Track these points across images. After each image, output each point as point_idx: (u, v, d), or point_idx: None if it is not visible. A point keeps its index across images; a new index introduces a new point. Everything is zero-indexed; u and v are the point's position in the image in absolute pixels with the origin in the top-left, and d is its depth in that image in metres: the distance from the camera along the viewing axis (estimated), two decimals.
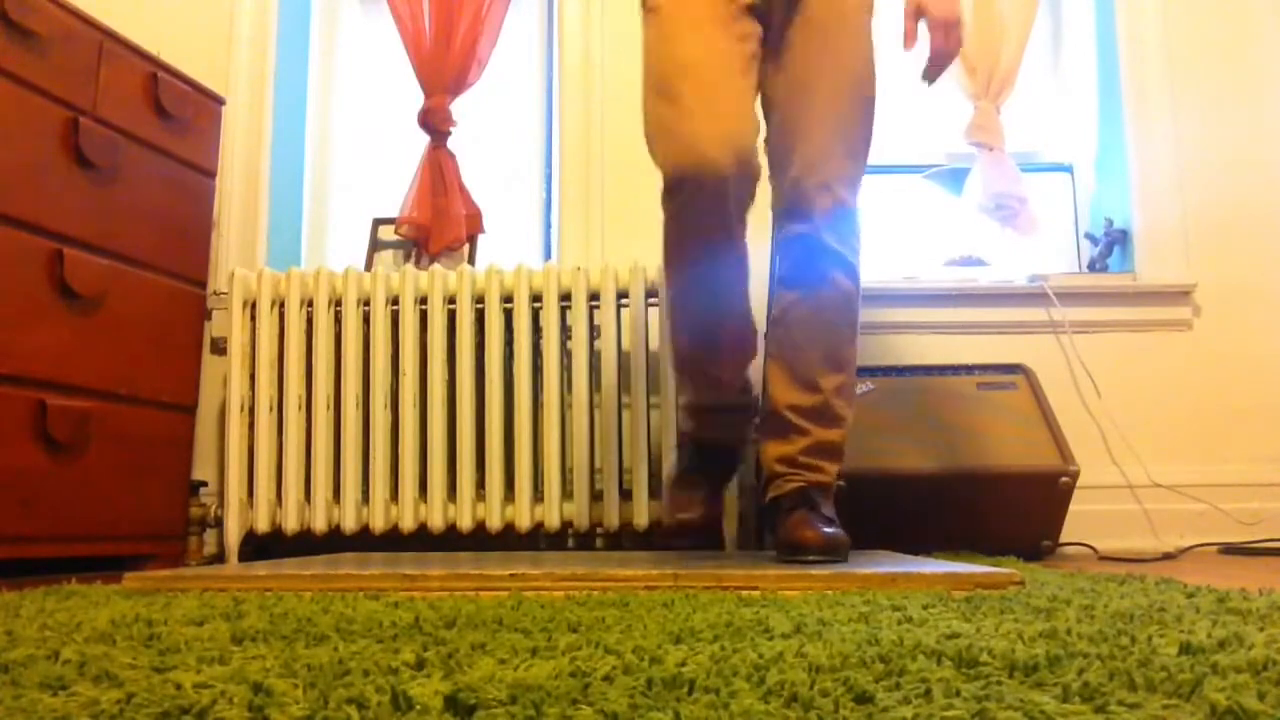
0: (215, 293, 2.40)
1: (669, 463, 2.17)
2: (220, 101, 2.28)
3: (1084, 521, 2.34)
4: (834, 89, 1.56)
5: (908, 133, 2.84)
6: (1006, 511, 2.08)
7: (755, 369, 1.67)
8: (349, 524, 2.17)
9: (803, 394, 1.53)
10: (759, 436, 1.61)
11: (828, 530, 1.37)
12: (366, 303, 2.25)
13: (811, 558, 1.33)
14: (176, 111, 2.12)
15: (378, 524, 2.17)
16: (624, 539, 2.28)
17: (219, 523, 2.22)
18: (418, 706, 0.49)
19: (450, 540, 2.19)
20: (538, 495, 2.17)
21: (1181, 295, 2.57)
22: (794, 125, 1.54)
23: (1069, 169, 2.84)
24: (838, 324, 1.55)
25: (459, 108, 2.60)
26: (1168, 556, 2.15)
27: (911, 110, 2.84)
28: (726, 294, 1.54)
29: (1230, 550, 2.28)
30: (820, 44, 1.55)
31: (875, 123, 1.59)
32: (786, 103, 1.56)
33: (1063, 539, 2.16)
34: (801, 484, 1.49)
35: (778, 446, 1.54)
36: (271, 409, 2.21)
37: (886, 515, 2.06)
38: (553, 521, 2.16)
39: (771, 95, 1.59)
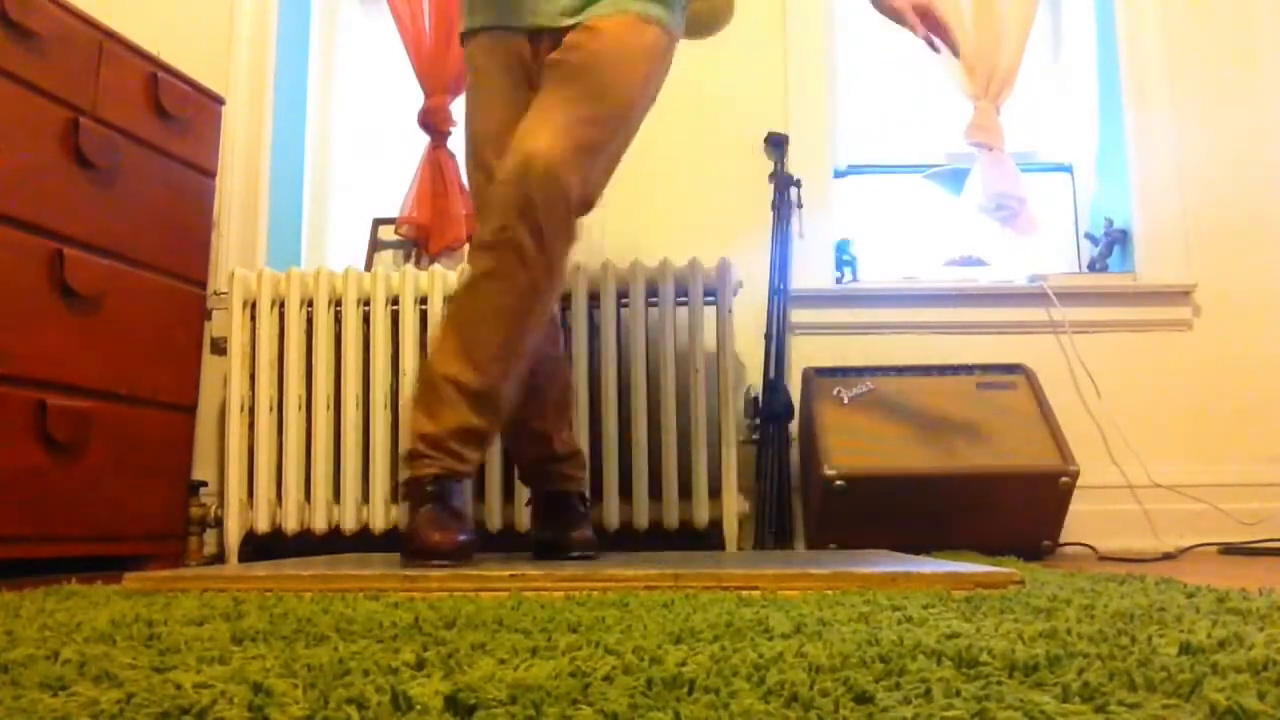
0: (215, 293, 2.40)
1: (669, 463, 2.18)
2: (220, 101, 2.28)
3: (1084, 521, 2.34)
4: (571, 84, 1.53)
5: (908, 133, 2.84)
6: (1006, 511, 2.08)
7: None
8: (349, 524, 2.17)
9: (473, 374, 1.43)
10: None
11: (461, 536, 1.35)
12: (366, 303, 2.25)
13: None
14: (176, 111, 2.12)
15: (377, 524, 2.17)
16: (624, 539, 2.28)
17: (219, 523, 2.22)
18: (418, 706, 0.49)
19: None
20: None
21: (1181, 295, 2.57)
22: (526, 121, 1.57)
23: (1069, 169, 2.84)
24: (527, 311, 1.47)
25: (459, 108, 2.60)
26: (1168, 556, 2.15)
27: (911, 110, 2.84)
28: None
29: (1230, 550, 2.28)
30: (563, 67, 1.54)
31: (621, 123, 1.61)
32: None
33: (1063, 539, 2.16)
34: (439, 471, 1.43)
35: (426, 422, 1.45)
36: (271, 409, 2.21)
37: (886, 515, 2.06)
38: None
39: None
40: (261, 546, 2.22)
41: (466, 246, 2.60)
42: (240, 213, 2.55)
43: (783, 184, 2.53)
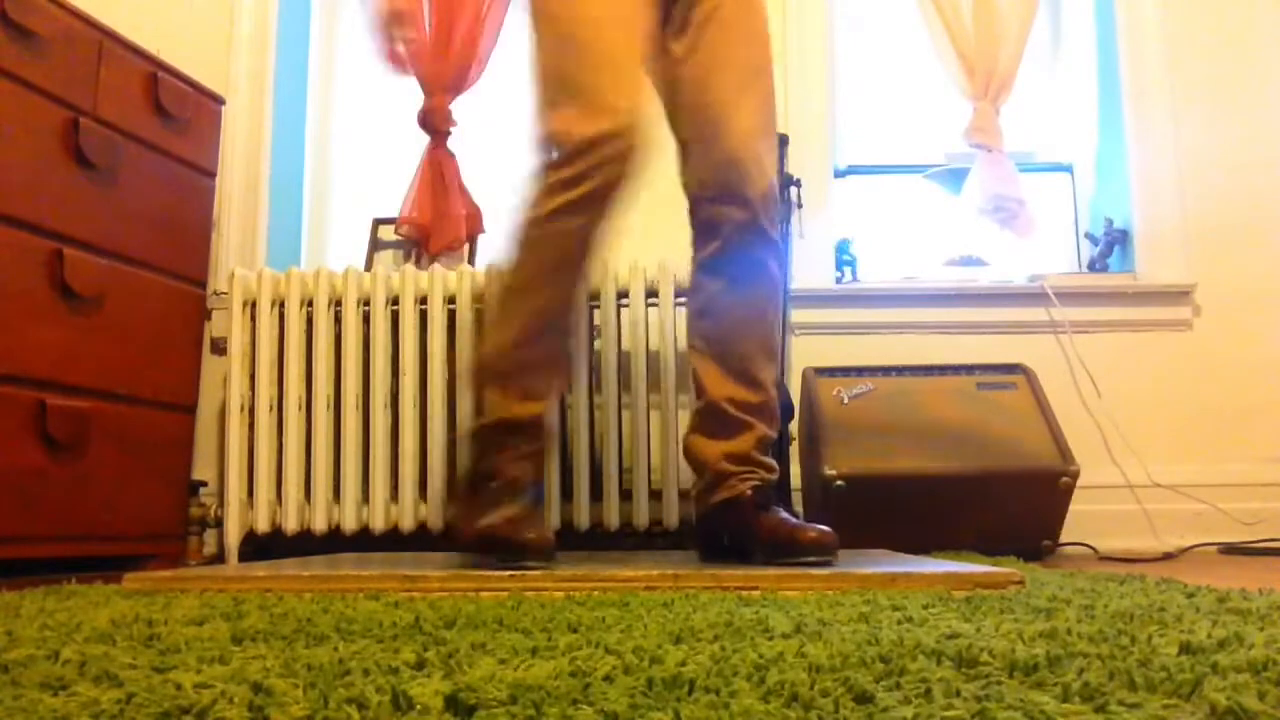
0: (215, 293, 2.40)
1: (670, 463, 2.18)
2: (220, 101, 2.28)
3: (1084, 521, 2.34)
4: (755, 73, 1.50)
5: (908, 133, 2.84)
6: (1006, 511, 2.08)
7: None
8: (349, 524, 2.17)
9: (741, 387, 1.46)
10: (691, 432, 1.51)
11: (824, 528, 1.31)
12: (366, 303, 2.25)
13: (815, 559, 1.27)
14: (176, 111, 2.12)
15: (378, 524, 2.17)
16: (624, 539, 2.28)
17: (219, 523, 2.22)
18: (418, 706, 0.49)
19: (450, 540, 2.18)
20: None
21: (1181, 295, 2.57)
22: (719, 103, 1.46)
23: (1069, 169, 2.84)
24: (772, 312, 1.49)
25: (459, 108, 2.60)
26: (1168, 556, 2.15)
27: (911, 110, 2.84)
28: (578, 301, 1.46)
29: (1230, 550, 2.28)
30: (736, 28, 1.49)
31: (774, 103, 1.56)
32: (705, 81, 1.48)
33: (1063, 539, 2.16)
34: (759, 482, 1.43)
35: (723, 444, 1.45)
36: (271, 409, 2.21)
37: (886, 515, 2.06)
38: (553, 522, 2.16)
39: (682, 75, 1.50)
40: (261, 546, 2.22)
41: (466, 247, 2.60)
42: (240, 213, 2.55)
43: (783, 184, 2.53)
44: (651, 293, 2.26)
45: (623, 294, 2.25)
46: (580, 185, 1.33)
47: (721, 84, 1.47)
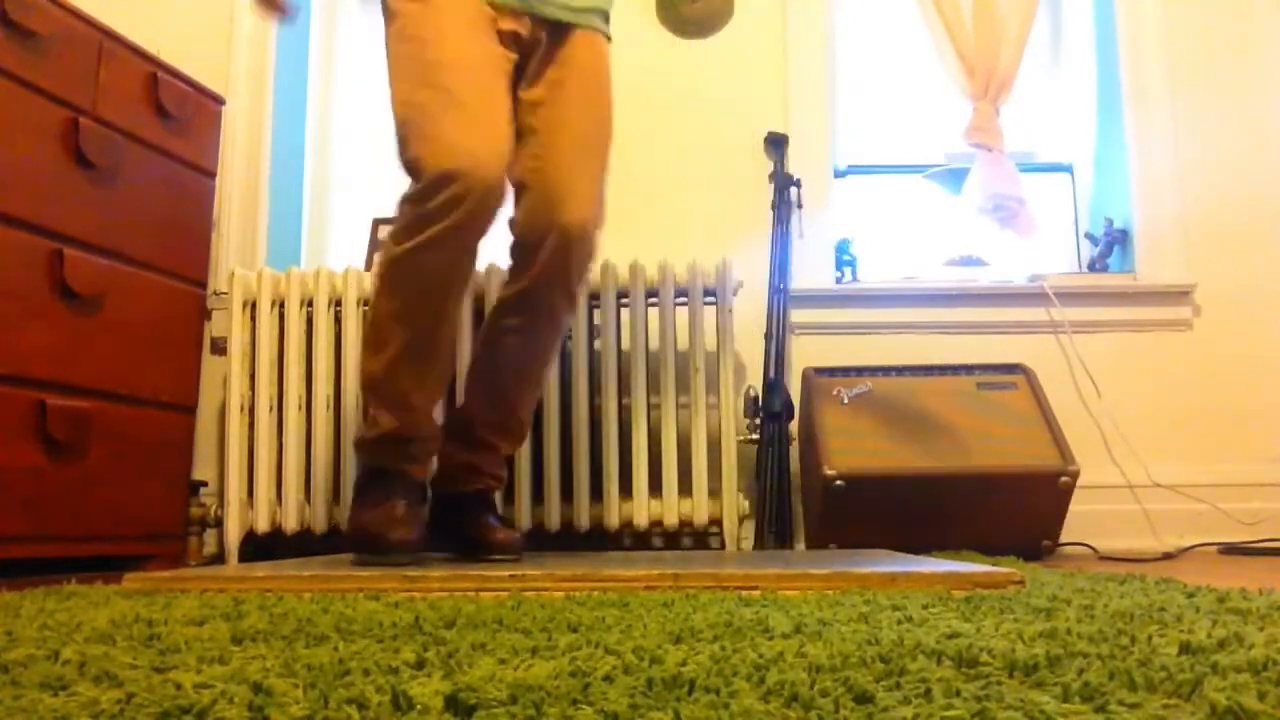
0: (215, 293, 2.40)
1: (669, 463, 2.18)
2: (220, 101, 2.28)
3: (1084, 521, 2.34)
4: (598, 137, 1.61)
5: (908, 133, 2.84)
6: (1006, 511, 2.08)
7: None
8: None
9: (499, 416, 1.63)
10: (448, 436, 1.64)
11: (514, 534, 1.53)
12: (366, 303, 2.25)
13: (501, 557, 1.47)
14: (176, 111, 2.12)
15: None
16: (624, 539, 2.28)
17: (219, 523, 2.22)
18: (418, 706, 0.49)
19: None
20: (538, 496, 2.17)
21: (1181, 295, 2.57)
22: (556, 167, 1.55)
23: (1069, 169, 2.84)
24: (549, 356, 1.65)
25: None
26: (1168, 556, 2.15)
27: (911, 111, 2.84)
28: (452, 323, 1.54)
29: (1230, 550, 2.28)
30: (582, 89, 1.60)
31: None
32: (548, 141, 1.57)
33: (1063, 539, 2.16)
34: (483, 488, 1.63)
35: (466, 454, 1.62)
36: (271, 409, 2.21)
37: (886, 515, 2.06)
38: (553, 522, 2.16)
39: (529, 123, 1.58)
40: (261, 546, 2.22)
41: None
42: (240, 213, 2.55)
43: (783, 184, 2.53)
44: (651, 293, 2.26)
45: (623, 294, 2.25)
46: (436, 222, 1.39)
47: (561, 149, 1.56)
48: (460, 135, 1.39)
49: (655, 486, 2.18)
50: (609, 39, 1.68)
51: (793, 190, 2.54)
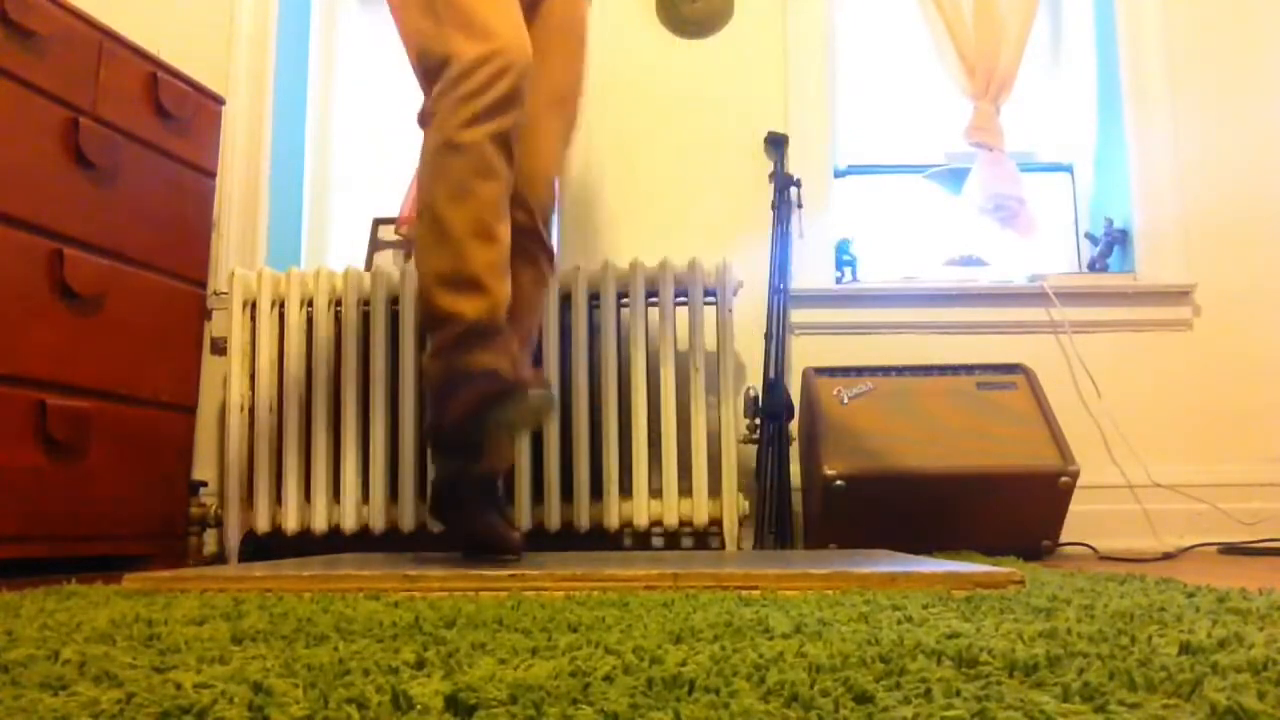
0: (215, 293, 2.40)
1: (669, 462, 2.18)
2: (220, 101, 2.28)
3: (1084, 521, 2.34)
4: (567, 93, 1.69)
5: (908, 133, 2.84)
6: (1006, 511, 2.08)
7: None
8: (349, 524, 2.17)
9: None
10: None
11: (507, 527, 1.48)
12: (366, 303, 2.25)
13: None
14: (176, 111, 2.12)
15: (377, 524, 2.17)
16: (624, 539, 2.28)
17: (219, 523, 2.22)
18: (418, 706, 0.49)
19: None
20: (537, 496, 2.17)
21: (1181, 295, 2.57)
22: (529, 116, 1.58)
23: (1069, 169, 2.84)
24: (536, 301, 1.72)
25: None
26: (1168, 556, 2.15)
27: (911, 110, 2.84)
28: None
29: (1230, 550, 2.28)
30: (560, 46, 1.68)
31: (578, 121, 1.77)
32: None
33: (1063, 539, 2.16)
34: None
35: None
36: (271, 409, 2.21)
37: (886, 515, 2.06)
38: (553, 522, 2.16)
39: None
40: (261, 546, 2.22)
41: None
42: (240, 213, 2.55)
43: (783, 184, 2.53)
44: (651, 293, 2.26)
45: (623, 294, 2.25)
46: (484, 93, 1.44)
47: (536, 106, 1.61)
48: (494, 18, 1.47)
49: (655, 486, 2.18)
50: None
51: (793, 190, 2.54)
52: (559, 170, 1.68)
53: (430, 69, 1.50)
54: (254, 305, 2.24)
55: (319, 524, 2.17)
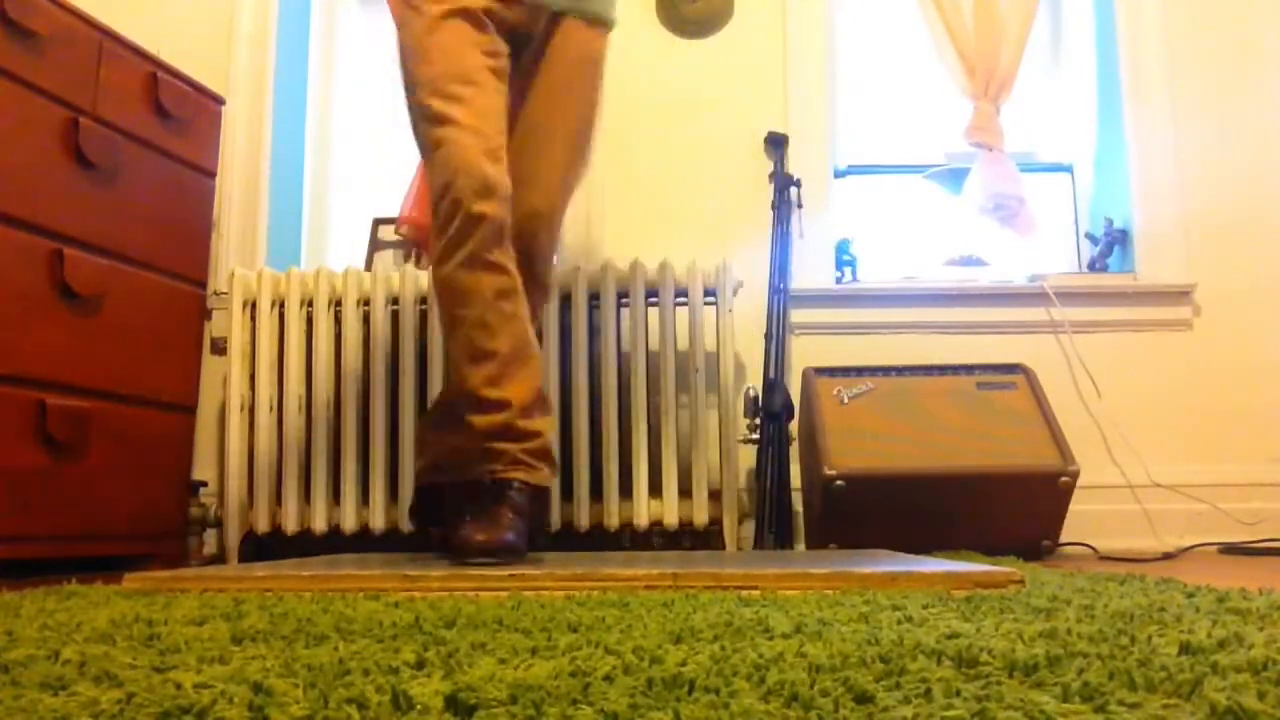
0: (215, 293, 2.40)
1: (669, 463, 2.18)
2: (220, 101, 2.28)
3: (1084, 521, 2.34)
4: (568, 135, 1.66)
5: (908, 133, 2.84)
6: (1006, 511, 2.08)
7: None
8: (349, 524, 2.17)
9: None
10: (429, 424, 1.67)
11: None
12: (366, 303, 2.25)
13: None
14: (176, 111, 2.12)
15: (377, 524, 2.17)
16: (624, 539, 2.28)
17: (219, 523, 2.22)
18: (418, 706, 0.49)
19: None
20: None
21: (1181, 295, 2.57)
22: (531, 155, 1.62)
23: (1069, 169, 2.84)
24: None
25: None
26: (1168, 556, 2.15)
27: (911, 110, 2.84)
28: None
29: (1230, 550, 2.28)
30: (564, 86, 1.66)
31: (590, 157, 1.72)
32: (527, 131, 1.65)
33: (1063, 539, 2.16)
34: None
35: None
36: (271, 409, 2.21)
37: (886, 515, 2.06)
38: (553, 522, 2.16)
39: (518, 114, 1.66)
40: (261, 546, 2.22)
41: None
42: (240, 213, 2.55)
43: (783, 184, 2.53)
44: (652, 293, 2.26)
45: (623, 294, 2.25)
46: (445, 231, 1.50)
47: (537, 146, 1.63)
48: (450, 138, 1.51)
49: (655, 486, 2.18)
50: (607, 26, 1.71)
51: (793, 190, 2.54)
52: (557, 205, 1.64)
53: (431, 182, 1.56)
54: (254, 305, 2.24)
55: (319, 524, 2.17)
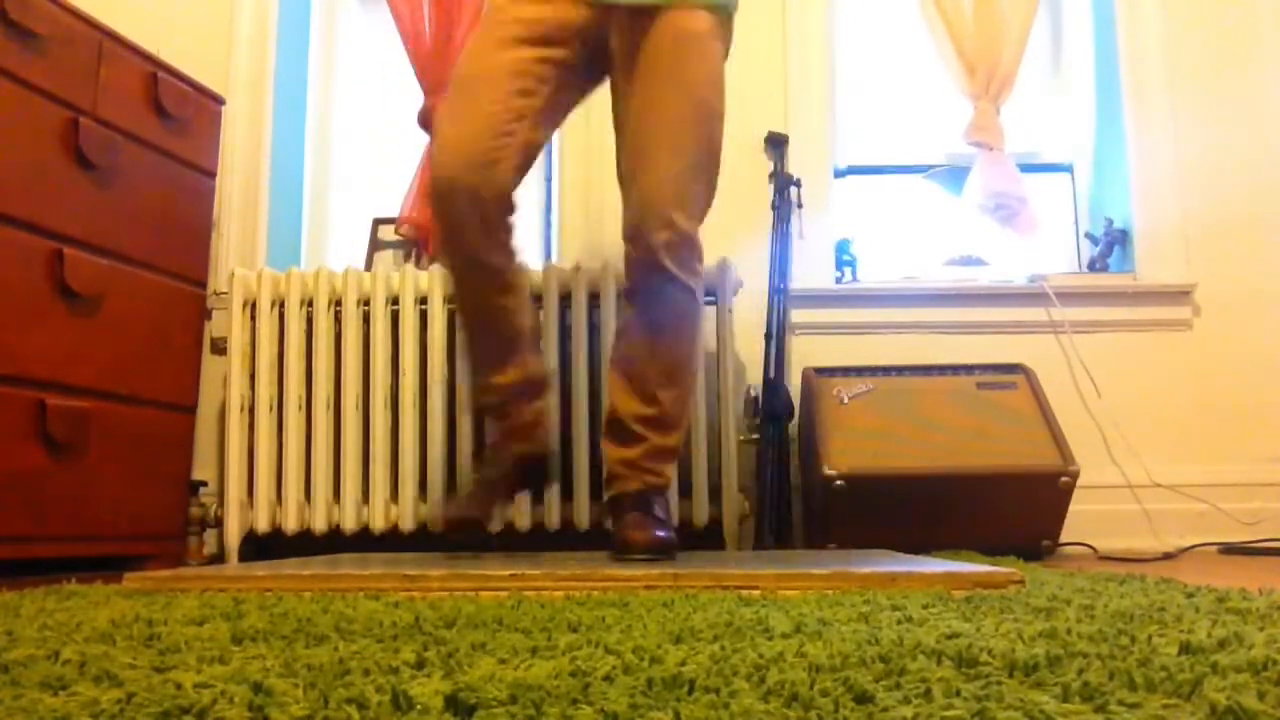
0: (215, 293, 2.40)
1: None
2: (220, 101, 2.28)
3: (1084, 521, 2.34)
4: (679, 117, 1.59)
5: (908, 133, 2.84)
6: (1006, 511, 2.08)
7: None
8: (349, 524, 2.17)
9: (641, 404, 1.63)
10: (604, 438, 1.70)
11: (659, 533, 1.51)
12: (366, 303, 2.25)
13: (640, 556, 1.45)
14: (176, 111, 2.12)
15: (378, 524, 2.17)
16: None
17: (219, 523, 2.22)
18: (418, 706, 0.49)
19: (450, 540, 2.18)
20: (537, 495, 2.17)
21: (1181, 295, 2.57)
22: (639, 152, 1.59)
23: (1069, 169, 2.84)
24: (675, 341, 1.63)
25: None
26: (1168, 556, 2.15)
27: (911, 110, 2.84)
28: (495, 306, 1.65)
29: (1230, 550, 2.28)
30: (668, 68, 1.58)
31: (721, 141, 1.64)
32: (635, 129, 1.61)
33: (1063, 539, 2.16)
34: (639, 486, 1.62)
35: (619, 450, 1.64)
36: (271, 409, 2.21)
37: (886, 515, 2.06)
38: (553, 522, 2.16)
39: (621, 119, 1.65)
40: (261, 546, 2.22)
41: None
42: (240, 213, 2.55)
43: (783, 184, 2.53)
44: None
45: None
46: (440, 227, 1.60)
47: (645, 132, 1.59)
48: (450, 134, 1.55)
49: None
50: (713, 9, 1.61)
51: (793, 190, 2.54)
52: (674, 204, 1.55)
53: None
54: (254, 305, 2.24)
55: (319, 524, 2.17)
